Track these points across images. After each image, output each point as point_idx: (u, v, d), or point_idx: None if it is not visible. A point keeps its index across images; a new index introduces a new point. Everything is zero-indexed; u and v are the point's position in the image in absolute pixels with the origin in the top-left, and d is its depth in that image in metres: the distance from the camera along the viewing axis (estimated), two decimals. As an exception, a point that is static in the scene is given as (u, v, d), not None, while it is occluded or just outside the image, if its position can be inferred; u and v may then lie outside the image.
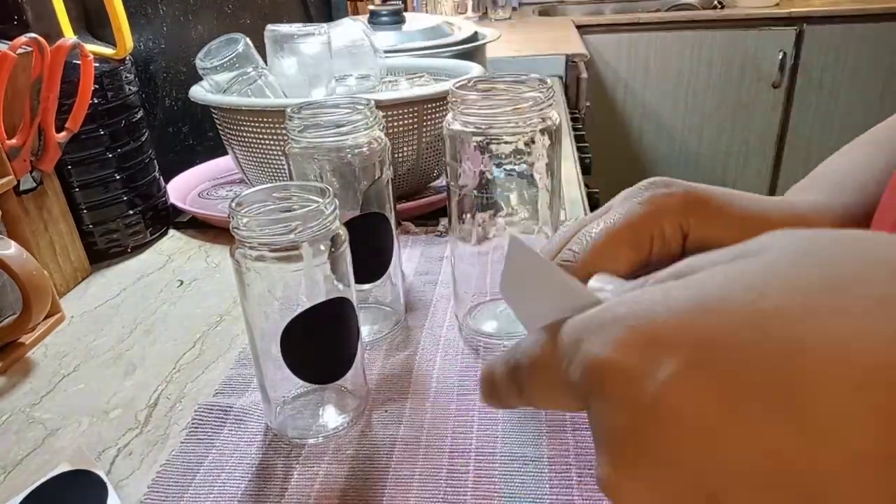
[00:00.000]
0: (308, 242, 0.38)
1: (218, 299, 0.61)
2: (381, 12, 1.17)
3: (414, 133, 0.70)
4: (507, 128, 0.44)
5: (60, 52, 0.57)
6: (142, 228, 0.71)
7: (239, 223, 0.37)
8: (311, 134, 0.47)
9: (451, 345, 0.51)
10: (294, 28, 0.75)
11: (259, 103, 0.68)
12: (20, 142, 0.57)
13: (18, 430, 0.45)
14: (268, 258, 0.38)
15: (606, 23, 2.15)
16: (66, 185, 0.64)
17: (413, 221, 0.73)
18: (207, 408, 0.45)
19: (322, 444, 0.42)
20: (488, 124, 0.45)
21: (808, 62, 2.08)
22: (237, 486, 0.39)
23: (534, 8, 2.53)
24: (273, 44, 0.76)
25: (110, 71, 0.65)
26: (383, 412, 0.45)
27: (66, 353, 0.54)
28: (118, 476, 0.41)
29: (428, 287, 0.60)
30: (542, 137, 0.45)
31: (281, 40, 0.75)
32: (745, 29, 2.07)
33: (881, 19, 2.01)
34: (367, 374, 0.48)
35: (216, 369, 0.51)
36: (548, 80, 0.46)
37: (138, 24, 0.84)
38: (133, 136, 0.68)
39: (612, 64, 2.14)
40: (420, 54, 1.03)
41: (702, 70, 2.12)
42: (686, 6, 2.30)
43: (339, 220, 0.39)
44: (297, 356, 0.40)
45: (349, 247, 0.40)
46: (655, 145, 2.22)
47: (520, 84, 0.46)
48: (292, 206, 0.39)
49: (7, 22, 0.65)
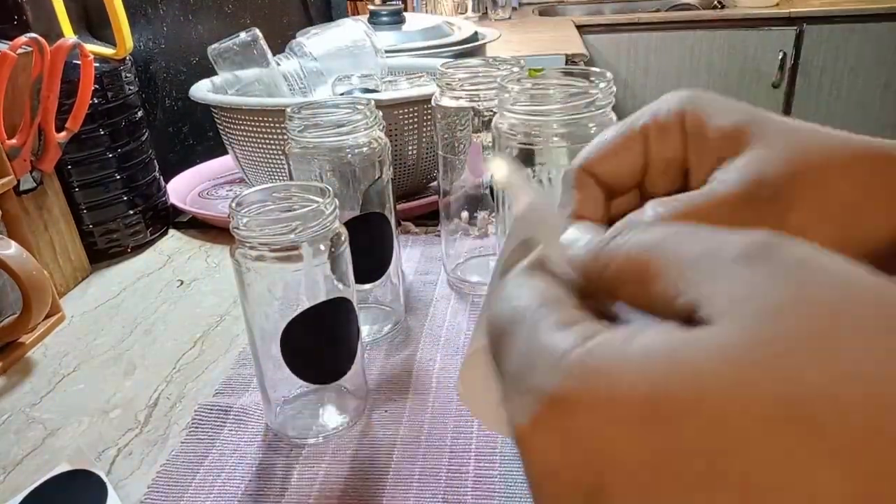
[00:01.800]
0: (308, 242, 0.38)
1: (218, 299, 0.61)
2: (381, 12, 1.18)
3: (414, 133, 0.70)
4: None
5: (60, 52, 0.57)
6: (142, 228, 0.71)
7: (239, 223, 0.37)
8: (311, 134, 0.47)
9: (451, 345, 0.51)
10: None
11: (259, 103, 0.68)
12: (20, 142, 0.57)
13: (18, 430, 0.45)
14: (268, 258, 0.38)
15: (606, 23, 2.15)
16: (66, 185, 0.64)
17: (413, 221, 0.73)
18: (207, 408, 0.45)
19: (322, 444, 0.42)
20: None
21: (808, 62, 2.08)
22: (237, 486, 0.39)
23: (534, 8, 2.53)
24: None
25: (110, 71, 0.65)
26: (383, 412, 0.45)
27: (66, 353, 0.54)
28: (118, 476, 0.41)
29: (428, 287, 0.60)
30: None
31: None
32: (745, 29, 2.07)
33: (881, 19, 2.01)
34: (367, 374, 0.48)
35: (216, 369, 0.51)
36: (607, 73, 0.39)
37: (138, 24, 0.84)
38: (133, 136, 0.68)
39: (612, 64, 2.14)
40: (420, 54, 1.03)
41: (702, 70, 2.12)
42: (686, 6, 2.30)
43: (339, 220, 0.39)
44: (297, 356, 0.40)
45: (349, 247, 0.40)
46: (655, 145, 2.22)
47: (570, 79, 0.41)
48: (292, 206, 0.39)
49: (7, 22, 0.65)
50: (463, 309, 0.56)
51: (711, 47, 2.09)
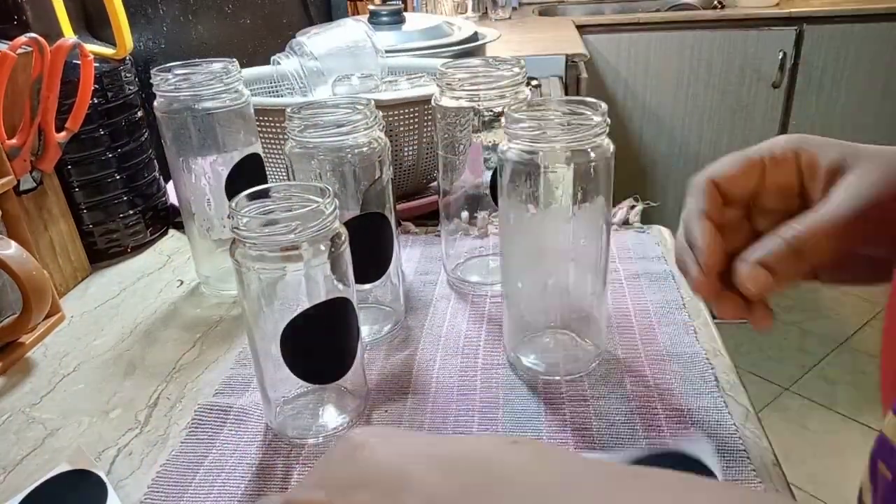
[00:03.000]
0: (308, 242, 0.38)
1: (218, 299, 0.61)
2: (381, 12, 1.17)
3: (414, 133, 0.70)
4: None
5: (60, 52, 0.57)
6: (142, 228, 0.71)
7: (239, 223, 0.37)
8: (311, 134, 0.47)
9: (450, 345, 0.51)
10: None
11: (259, 103, 0.68)
12: (20, 142, 0.57)
13: (18, 430, 0.45)
14: (268, 258, 0.38)
15: (606, 23, 2.14)
16: (66, 185, 0.64)
17: (413, 221, 0.73)
18: (207, 408, 0.45)
19: (322, 444, 0.42)
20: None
21: (808, 62, 2.07)
22: (237, 486, 0.39)
23: (534, 8, 2.53)
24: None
25: (110, 71, 0.65)
26: (383, 412, 0.45)
27: (66, 353, 0.54)
28: (118, 476, 0.41)
29: (428, 287, 0.60)
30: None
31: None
32: (745, 29, 2.06)
33: (881, 19, 2.01)
34: (367, 374, 0.48)
35: (216, 369, 0.51)
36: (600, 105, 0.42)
37: (138, 24, 0.84)
38: (133, 136, 0.68)
39: (612, 64, 2.14)
40: (420, 54, 1.03)
41: (702, 70, 2.12)
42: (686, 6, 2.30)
43: (339, 220, 0.39)
44: (297, 356, 0.40)
45: (349, 247, 0.40)
46: (655, 145, 2.22)
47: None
48: (292, 206, 0.39)
49: (7, 22, 0.65)
50: (463, 309, 0.56)
51: (711, 47, 2.09)
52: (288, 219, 0.37)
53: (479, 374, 0.48)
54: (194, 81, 0.55)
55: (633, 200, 0.70)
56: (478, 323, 0.54)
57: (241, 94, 0.56)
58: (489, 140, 0.54)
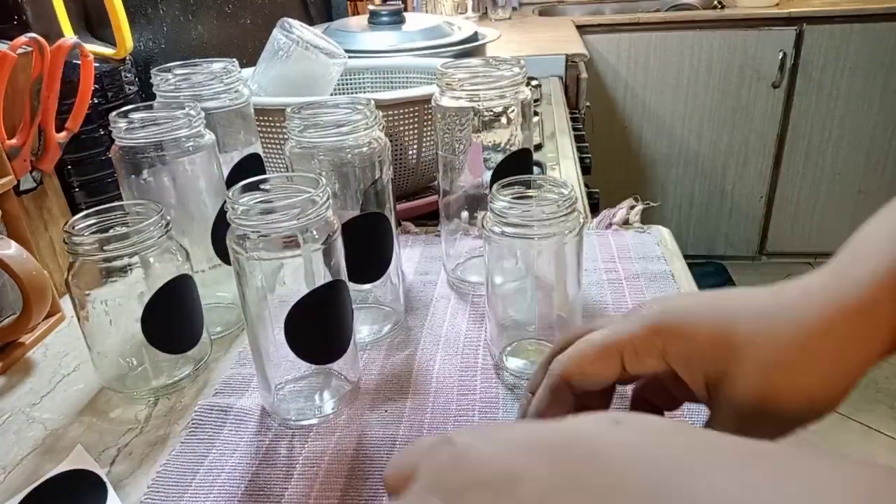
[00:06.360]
0: (302, 231, 0.39)
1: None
2: (381, 12, 1.17)
3: (414, 133, 0.70)
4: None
5: (60, 52, 0.57)
6: (142, 228, 0.71)
7: (235, 214, 0.38)
8: (311, 134, 0.47)
9: (451, 345, 0.51)
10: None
11: (259, 103, 0.68)
12: (20, 142, 0.57)
13: (18, 430, 0.45)
14: (264, 246, 0.39)
15: (606, 23, 2.14)
16: (66, 185, 0.64)
17: (413, 221, 0.73)
18: (207, 408, 0.46)
19: (322, 444, 0.42)
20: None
21: (808, 62, 2.07)
22: (237, 486, 0.39)
23: (534, 8, 2.53)
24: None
25: (110, 71, 0.65)
26: (383, 412, 0.45)
27: (66, 353, 0.54)
28: (118, 476, 0.41)
29: (428, 287, 0.60)
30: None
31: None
32: (744, 29, 2.06)
33: (881, 19, 2.01)
34: (367, 374, 0.48)
35: (216, 369, 0.51)
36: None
37: (138, 24, 0.84)
38: (133, 136, 0.68)
39: (612, 64, 2.14)
40: (420, 54, 1.03)
41: (702, 70, 2.12)
42: (686, 6, 2.30)
43: (331, 209, 0.41)
44: (300, 340, 0.42)
45: (344, 242, 0.42)
46: (655, 145, 2.22)
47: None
48: (287, 196, 0.40)
49: (7, 22, 0.65)
50: (463, 309, 0.56)
51: (711, 47, 2.09)
52: (283, 207, 0.39)
53: (479, 374, 0.48)
54: (194, 81, 0.54)
55: (633, 200, 0.70)
56: (478, 323, 0.54)
57: (241, 94, 0.56)
58: (489, 140, 0.54)
